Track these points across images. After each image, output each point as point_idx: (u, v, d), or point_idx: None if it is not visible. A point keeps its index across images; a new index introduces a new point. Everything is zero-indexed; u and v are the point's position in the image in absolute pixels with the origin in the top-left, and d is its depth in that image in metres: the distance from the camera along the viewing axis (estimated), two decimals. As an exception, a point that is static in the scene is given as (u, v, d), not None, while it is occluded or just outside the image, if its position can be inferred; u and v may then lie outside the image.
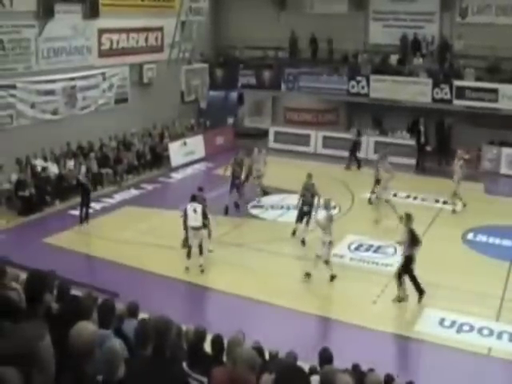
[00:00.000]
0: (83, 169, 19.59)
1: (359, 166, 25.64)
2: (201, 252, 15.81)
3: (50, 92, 22.55)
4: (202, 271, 15.77)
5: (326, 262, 15.10)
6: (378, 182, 20.58)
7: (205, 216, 15.94)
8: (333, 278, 15.16)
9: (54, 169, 21.58)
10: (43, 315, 5.00)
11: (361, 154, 26.43)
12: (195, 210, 15.65)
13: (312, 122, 30.08)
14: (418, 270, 14.30)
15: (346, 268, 16.10)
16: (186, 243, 16.12)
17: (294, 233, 18.07)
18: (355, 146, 26.09)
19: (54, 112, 22.77)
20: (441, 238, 17.73)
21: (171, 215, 18.88)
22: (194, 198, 16.09)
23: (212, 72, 30.64)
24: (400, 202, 20.82)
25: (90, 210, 19.54)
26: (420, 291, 14.07)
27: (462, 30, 26.85)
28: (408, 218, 14.34)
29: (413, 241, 14.05)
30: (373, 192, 20.87)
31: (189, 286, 15.41)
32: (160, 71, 27.42)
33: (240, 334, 7.17)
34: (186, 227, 15.92)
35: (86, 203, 19.09)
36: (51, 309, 5.62)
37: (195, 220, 15.62)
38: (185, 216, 15.77)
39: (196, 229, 15.67)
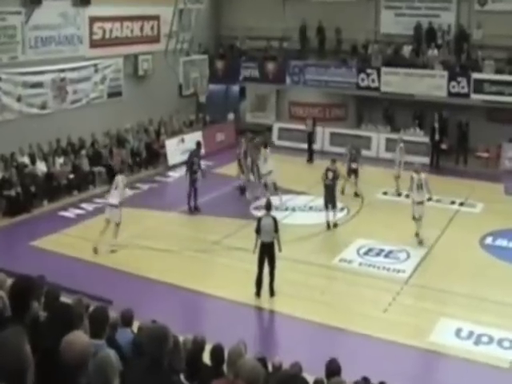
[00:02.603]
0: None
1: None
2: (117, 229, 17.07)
3: (38, 84, 22.55)
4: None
5: None
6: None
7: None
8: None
9: (42, 167, 21.56)
10: (30, 324, 4.99)
11: (372, 153, 26.43)
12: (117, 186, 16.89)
13: (319, 117, 30.01)
14: (433, 276, 14.28)
15: (355, 274, 16.10)
16: None
17: (329, 226, 19.04)
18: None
19: (42, 106, 22.79)
20: (457, 242, 17.73)
21: (168, 217, 18.89)
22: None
23: (212, 64, 30.58)
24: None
25: (90, 208, 20.01)
26: None
27: (481, 18, 26.83)
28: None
29: None
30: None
31: (187, 292, 15.38)
32: (156, 63, 27.43)
33: (241, 343, 7.16)
34: None
35: None
36: (39, 317, 5.61)
37: (113, 196, 17.00)
38: None
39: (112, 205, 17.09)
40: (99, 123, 24.31)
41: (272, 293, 14.79)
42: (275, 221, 14.64)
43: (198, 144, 21.28)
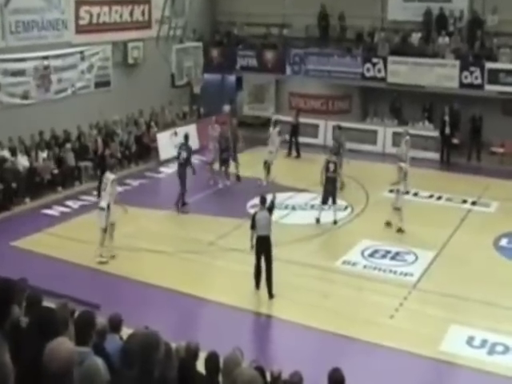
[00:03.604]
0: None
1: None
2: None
3: (20, 72, 22.51)
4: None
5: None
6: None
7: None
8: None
9: (23, 161, 21.49)
10: (10, 330, 4.96)
11: (378, 148, 26.44)
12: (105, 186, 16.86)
13: (321, 110, 30.04)
14: (441, 280, 14.26)
15: (359, 277, 16.10)
16: None
17: (335, 222, 19.35)
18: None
19: (25, 96, 22.73)
20: (469, 243, 17.73)
21: (160, 216, 18.87)
22: None
23: (207, 52, 30.59)
24: (422, 202, 20.84)
25: (76, 206, 20.04)
26: None
27: (497, 2, 26.70)
28: None
29: None
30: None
31: (180, 296, 15.37)
32: (147, 51, 27.42)
33: (238, 351, 7.13)
34: None
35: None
36: (20, 322, 5.58)
37: (103, 199, 16.87)
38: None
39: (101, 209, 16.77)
40: (86, 115, 24.26)
41: (271, 295, 14.83)
42: (271, 214, 15.05)
43: (186, 137, 21.33)
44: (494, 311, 14.22)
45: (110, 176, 16.89)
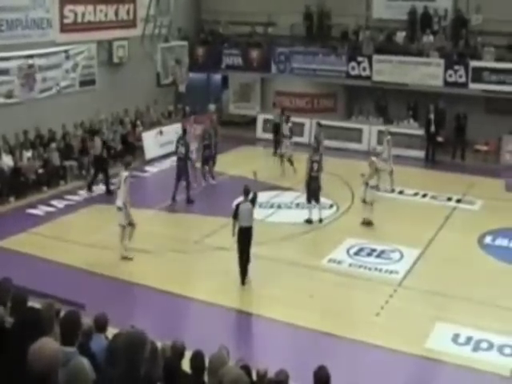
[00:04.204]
0: (98, 141, 22.04)
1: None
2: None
3: (4, 72, 22.39)
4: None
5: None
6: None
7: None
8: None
9: (7, 161, 21.41)
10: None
11: (363, 146, 26.53)
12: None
13: (306, 108, 30.08)
14: (428, 278, 14.33)
15: (345, 275, 16.13)
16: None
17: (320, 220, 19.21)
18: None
19: (8, 95, 22.62)
20: (454, 241, 17.80)
21: (147, 215, 18.84)
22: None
23: (192, 51, 30.58)
24: (407, 199, 20.92)
25: (61, 205, 19.76)
26: None
27: (480, 1, 26.88)
28: None
29: None
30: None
31: (165, 295, 15.33)
32: (132, 49, 27.36)
33: (224, 350, 7.15)
34: None
35: (104, 174, 21.47)
36: (4, 323, 5.57)
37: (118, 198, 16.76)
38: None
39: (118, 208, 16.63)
40: (71, 114, 24.18)
41: (243, 282, 15.35)
42: (253, 205, 15.43)
43: (184, 131, 21.70)
44: (479, 308, 14.28)
45: (123, 173, 16.75)
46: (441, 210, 20.36)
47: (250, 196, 15.34)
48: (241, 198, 15.68)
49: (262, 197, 21.31)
